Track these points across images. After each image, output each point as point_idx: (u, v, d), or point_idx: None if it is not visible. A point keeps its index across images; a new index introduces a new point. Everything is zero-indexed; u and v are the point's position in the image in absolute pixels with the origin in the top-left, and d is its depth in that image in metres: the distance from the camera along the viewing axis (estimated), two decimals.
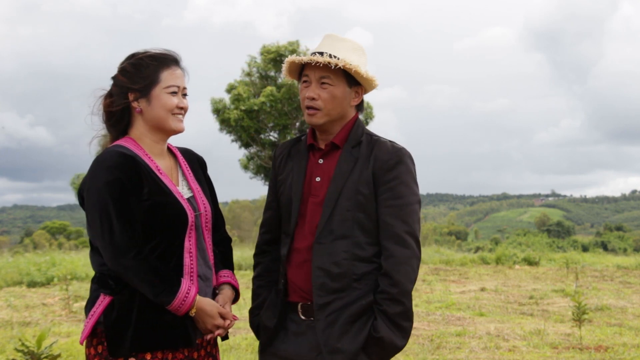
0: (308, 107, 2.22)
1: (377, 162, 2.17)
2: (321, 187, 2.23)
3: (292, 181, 2.29)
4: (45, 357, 3.39)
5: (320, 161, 2.27)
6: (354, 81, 2.23)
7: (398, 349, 2.13)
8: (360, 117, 2.36)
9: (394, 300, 2.10)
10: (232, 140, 24.66)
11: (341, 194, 2.17)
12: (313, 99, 2.20)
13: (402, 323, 2.11)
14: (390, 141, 2.25)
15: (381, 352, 2.12)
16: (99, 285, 2.12)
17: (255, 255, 2.45)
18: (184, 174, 2.30)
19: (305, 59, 2.20)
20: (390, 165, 2.16)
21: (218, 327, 2.17)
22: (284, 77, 2.42)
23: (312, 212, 2.23)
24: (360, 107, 2.32)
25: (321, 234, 2.17)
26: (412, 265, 2.13)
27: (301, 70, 2.29)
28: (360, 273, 2.16)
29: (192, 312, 2.10)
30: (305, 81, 2.25)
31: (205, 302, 2.14)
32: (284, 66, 2.29)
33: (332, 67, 2.17)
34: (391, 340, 2.10)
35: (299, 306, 2.25)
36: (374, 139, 2.25)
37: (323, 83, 2.19)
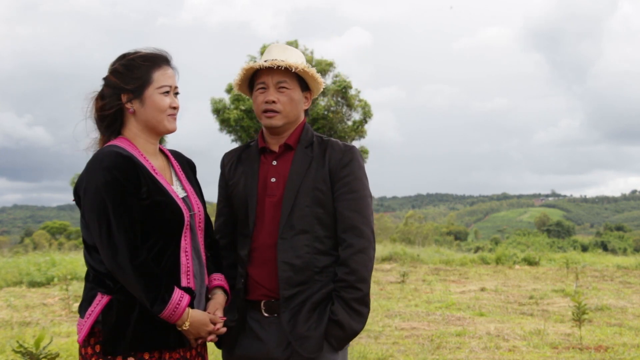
0: (266, 110, 2.32)
1: (332, 160, 2.32)
2: (277, 186, 2.34)
3: (246, 184, 2.38)
4: (44, 358, 3.39)
5: (274, 163, 2.38)
6: (305, 87, 2.39)
7: (355, 332, 2.24)
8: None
9: (351, 287, 2.23)
10: (232, 140, 24.66)
11: (299, 191, 2.28)
12: (273, 102, 2.32)
13: (359, 308, 2.23)
14: (340, 141, 2.40)
15: (340, 336, 2.23)
16: (95, 284, 2.11)
17: None
18: (177, 175, 2.31)
19: (266, 64, 2.30)
20: (345, 162, 2.31)
21: (210, 333, 2.17)
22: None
23: (270, 212, 2.32)
24: (306, 111, 2.47)
25: (283, 229, 2.27)
26: (368, 254, 2.27)
27: (251, 79, 2.39)
28: (321, 266, 2.28)
29: (186, 326, 2.10)
30: (261, 87, 2.34)
31: (197, 313, 2.14)
32: (239, 76, 2.37)
33: (292, 71, 2.30)
34: (348, 323, 2.21)
35: (262, 304, 2.31)
36: (324, 140, 2.40)
37: (281, 87, 2.32)
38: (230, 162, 2.48)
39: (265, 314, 2.30)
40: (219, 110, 23.99)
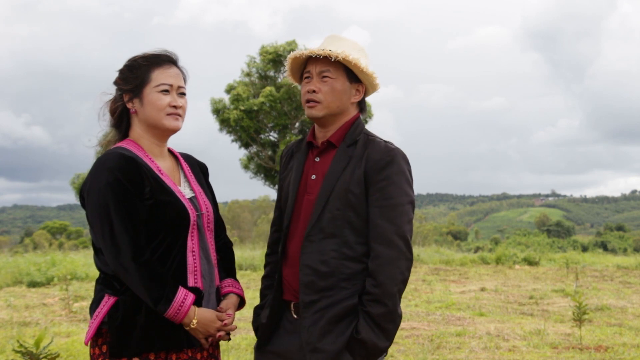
0: (308, 100, 2.24)
1: (369, 162, 2.17)
2: (316, 184, 2.24)
3: (291, 179, 2.32)
4: (44, 357, 3.39)
5: (317, 159, 2.29)
6: (354, 77, 2.26)
7: (380, 350, 2.11)
8: (362, 117, 2.38)
9: (376, 301, 2.08)
10: (232, 140, 24.67)
11: (332, 192, 2.17)
12: (313, 91, 2.23)
13: (384, 325, 2.09)
14: (385, 141, 2.24)
15: (364, 353, 2.10)
16: (103, 285, 2.13)
17: (266, 255, 2.47)
18: (185, 176, 2.31)
19: (306, 52, 2.23)
20: (382, 166, 2.15)
21: (219, 330, 2.18)
22: (283, 77, 2.45)
23: (306, 210, 2.24)
24: (362, 107, 2.34)
25: (311, 231, 2.17)
26: (399, 266, 2.10)
27: (303, 69, 2.32)
28: (349, 272, 2.15)
29: (194, 324, 2.10)
30: (307, 77, 2.27)
31: (204, 311, 2.15)
32: (287, 65, 2.32)
33: (332, 60, 2.19)
34: (372, 341, 2.08)
35: (292, 305, 2.25)
36: (369, 139, 2.24)
37: (324, 77, 2.22)
38: (286, 155, 2.42)
39: (295, 316, 2.24)
40: (218, 110, 23.99)
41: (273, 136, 24.90)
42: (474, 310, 8.63)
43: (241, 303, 2.34)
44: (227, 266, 2.36)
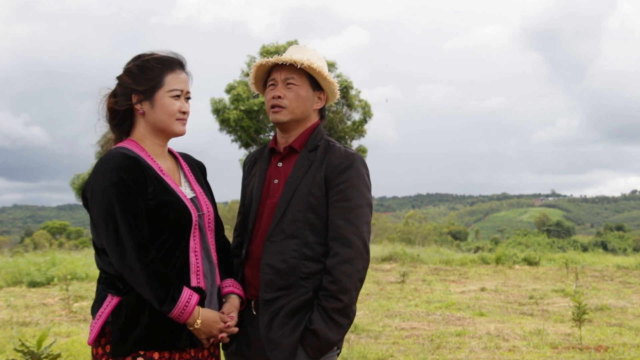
0: (273, 106, 2.35)
1: (330, 166, 2.28)
2: (278, 188, 2.34)
3: (254, 184, 2.42)
4: (45, 357, 3.39)
5: (279, 164, 2.39)
6: (317, 86, 2.38)
7: (332, 343, 2.19)
8: (322, 124, 2.48)
9: (332, 296, 2.18)
10: (232, 140, 24.68)
11: (294, 195, 2.27)
12: (279, 97, 2.33)
13: (337, 318, 2.18)
14: (344, 146, 2.36)
15: (315, 345, 2.19)
16: (106, 285, 2.13)
17: None
18: (185, 176, 2.32)
19: (272, 60, 2.34)
20: (341, 169, 2.27)
21: (221, 331, 2.19)
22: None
23: (268, 213, 2.33)
24: (322, 114, 2.47)
25: (273, 232, 2.27)
26: (355, 265, 2.21)
27: (267, 78, 2.42)
28: (308, 272, 2.25)
29: (197, 324, 2.12)
30: (271, 84, 2.37)
31: (208, 312, 2.16)
32: (252, 73, 2.42)
33: (297, 67, 2.31)
34: (325, 333, 2.17)
35: (252, 303, 2.34)
36: (330, 145, 2.35)
37: (288, 84, 2.34)
38: (249, 162, 2.54)
39: (254, 312, 2.33)
40: (218, 110, 23.99)
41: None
42: (474, 310, 8.64)
43: (242, 303, 2.35)
44: (227, 266, 2.37)
